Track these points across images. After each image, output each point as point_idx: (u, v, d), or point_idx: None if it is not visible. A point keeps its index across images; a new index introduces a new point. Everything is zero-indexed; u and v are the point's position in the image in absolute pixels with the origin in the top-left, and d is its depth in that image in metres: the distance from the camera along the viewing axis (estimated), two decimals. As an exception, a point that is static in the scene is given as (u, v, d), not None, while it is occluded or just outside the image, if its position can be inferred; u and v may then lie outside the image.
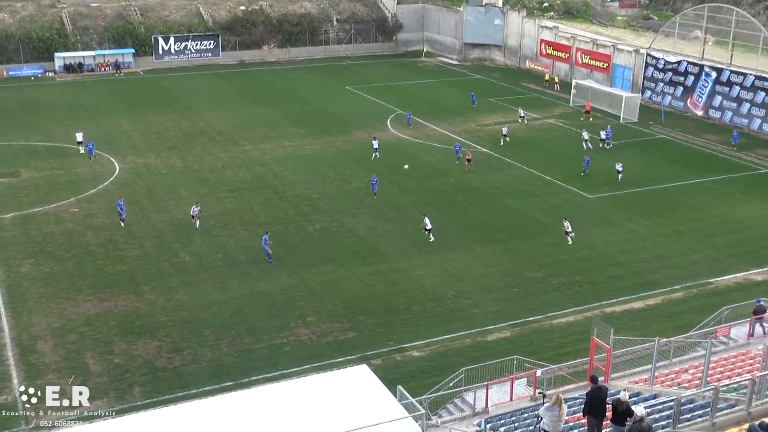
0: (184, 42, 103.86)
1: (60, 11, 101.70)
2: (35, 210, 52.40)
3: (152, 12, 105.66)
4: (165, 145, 67.43)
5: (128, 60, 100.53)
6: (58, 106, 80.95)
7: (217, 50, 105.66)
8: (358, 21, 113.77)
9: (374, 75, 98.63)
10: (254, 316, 39.21)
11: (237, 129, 72.86)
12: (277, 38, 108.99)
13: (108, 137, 69.48)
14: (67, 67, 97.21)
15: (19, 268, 43.95)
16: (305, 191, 56.63)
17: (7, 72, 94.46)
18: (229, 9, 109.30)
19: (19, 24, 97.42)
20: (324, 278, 43.30)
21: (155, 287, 41.91)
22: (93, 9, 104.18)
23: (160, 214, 52.06)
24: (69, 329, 37.60)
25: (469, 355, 35.58)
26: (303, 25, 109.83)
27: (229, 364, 35.01)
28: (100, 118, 76.19)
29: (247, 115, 78.07)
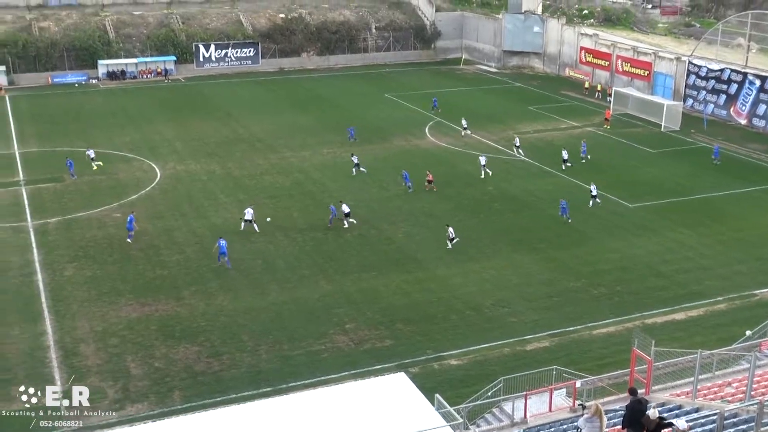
0: (225, 50, 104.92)
1: (103, 19, 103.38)
2: (79, 215, 53.22)
3: (193, 20, 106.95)
4: (205, 152, 68.11)
5: (170, 67, 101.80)
6: (101, 113, 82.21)
7: (257, 58, 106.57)
8: (396, 29, 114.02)
9: (412, 82, 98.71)
10: (293, 322, 39.38)
11: (276, 136, 73.36)
12: (316, 46, 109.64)
13: (150, 143, 70.39)
14: (110, 75, 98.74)
15: (63, 272, 44.66)
16: (344, 198, 56.67)
17: (53, 79, 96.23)
18: (269, 17, 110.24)
19: (64, 32, 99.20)
20: (362, 285, 43.35)
21: (195, 292, 42.31)
22: (135, 17, 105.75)
23: (201, 219, 52.56)
24: (111, 333, 38.10)
25: (507, 364, 35.36)
26: (342, 33, 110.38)
27: (267, 370, 35.19)
28: (142, 125, 77.23)
29: (287, 122, 78.57)
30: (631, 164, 64.94)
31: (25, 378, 34.05)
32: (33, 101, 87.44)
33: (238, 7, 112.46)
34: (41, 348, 36.70)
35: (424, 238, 49.90)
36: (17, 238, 49.44)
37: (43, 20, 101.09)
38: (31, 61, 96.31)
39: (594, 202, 54.80)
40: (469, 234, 50.47)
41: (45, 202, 55.63)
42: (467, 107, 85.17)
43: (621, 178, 61.26)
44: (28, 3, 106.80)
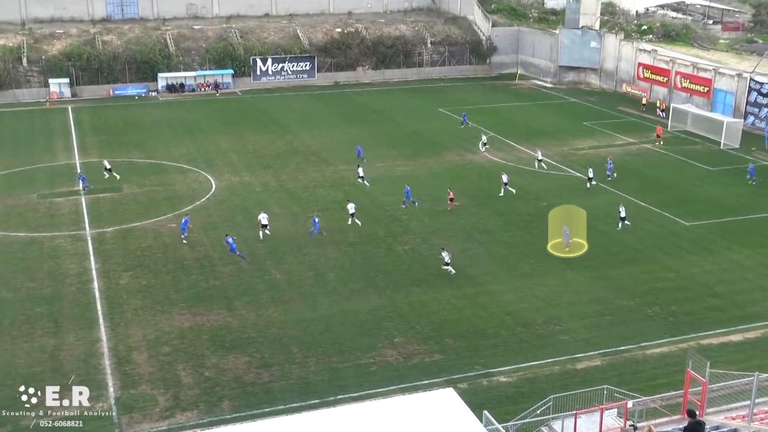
0: (281, 63, 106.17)
1: (164, 33, 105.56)
2: (135, 224, 54.21)
3: (251, 34, 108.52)
4: (260, 164, 68.87)
5: (227, 81, 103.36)
6: (160, 125, 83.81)
7: (313, 72, 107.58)
8: (452, 43, 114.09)
9: (467, 97, 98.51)
10: (342, 335, 39.44)
11: (330, 149, 73.83)
12: (372, 60, 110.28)
13: (206, 155, 71.47)
14: (169, 87, 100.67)
15: (119, 281, 45.50)
16: (395, 212, 56.82)
17: (114, 91, 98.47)
18: (326, 31, 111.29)
19: (126, 46, 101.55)
20: (412, 300, 43.26)
21: (247, 303, 42.69)
22: (195, 31, 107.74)
23: (254, 231, 53.07)
24: (163, 341, 38.64)
25: (557, 382, 34.90)
26: (397, 48, 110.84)
27: (316, 382, 35.29)
28: (200, 137, 78.49)
29: (341, 135, 79.06)
30: (689, 182, 63.73)
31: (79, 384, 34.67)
32: (94, 113, 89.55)
33: (296, 22, 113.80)
34: (95, 355, 37.39)
35: (475, 253, 49.61)
36: (75, 246, 50.56)
37: (106, 34, 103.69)
38: (94, 73, 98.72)
39: (623, 225, 53.34)
40: (521, 250, 50.07)
41: (103, 211, 56.81)
42: (522, 123, 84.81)
43: (678, 195, 60.15)
44: (92, 17, 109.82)
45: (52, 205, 57.98)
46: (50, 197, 59.78)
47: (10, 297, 43.26)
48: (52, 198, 59.57)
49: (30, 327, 39.91)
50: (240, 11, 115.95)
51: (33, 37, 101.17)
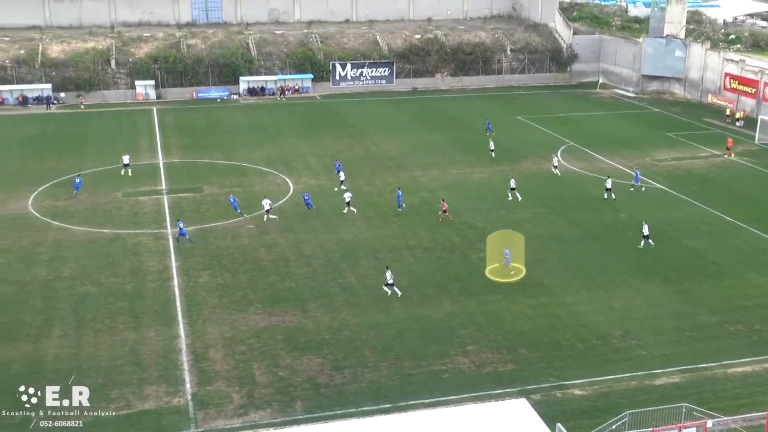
0: (360, 69, 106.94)
1: (247, 38, 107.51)
2: (214, 224, 55.29)
3: (331, 39, 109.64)
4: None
5: (307, 85, 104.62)
6: (241, 127, 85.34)
7: (391, 77, 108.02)
8: (532, 51, 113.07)
9: (546, 105, 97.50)
10: (415, 340, 39.42)
11: (406, 155, 73.97)
12: (450, 67, 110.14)
13: (284, 158, 72.46)
14: (250, 90, 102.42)
15: (197, 279, 46.45)
16: (471, 219, 56.55)
17: (197, 94, 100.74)
18: (405, 37, 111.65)
19: (210, 49, 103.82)
20: (487, 308, 42.96)
21: (321, 305, 43.07)
22: (277, 36, 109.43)
23: (329, 234, 53.53)
24: (239, 340, 39.27)
25: (634, 398, 34.16)
26: (476, 54, 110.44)
27: (388, 387, 35.33)
28: (279, 140, 79.63)
29: (418, 141, 79.13)
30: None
31: (158, 379, 35.64)
32: (178, 114, 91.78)
33: (375, 28, 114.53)
34: (174, 351, 38.24)
35: (551, 263, 49.00)
36: (157, 244, 51.84)
37: (191, 37, 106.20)
38: (178, 76, 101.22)
39: (646, 244, 51.40)
40: (598, 261, 49.24)
41: (184, 211, 58.08)
42: (602, 132, 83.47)
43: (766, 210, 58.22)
44: (178, 21, 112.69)
45: (135, 204, 59.60)
46: (134, 196, 61.46)
47: (95, 291, 44.62)
48: (136, 197, 61.22)
49: (112, 321, 41.09)
50: (321, 17, 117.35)
51: (121, 40, 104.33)
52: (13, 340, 39.06)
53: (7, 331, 40.02)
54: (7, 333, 39.79)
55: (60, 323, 40.93)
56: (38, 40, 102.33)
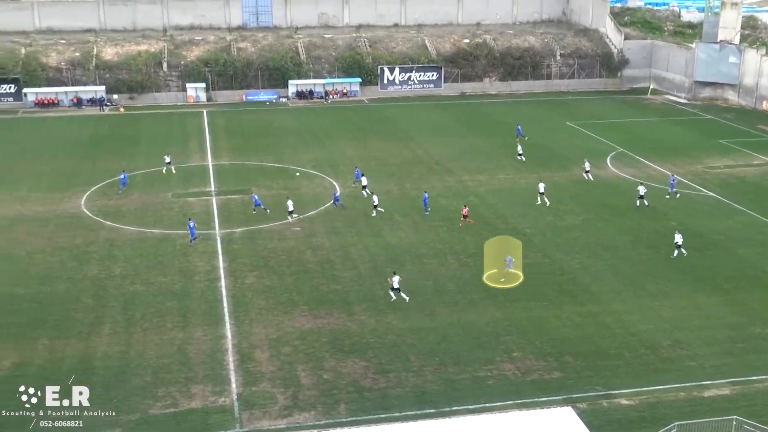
0: (408, 73, 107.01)
1: (296, 41, 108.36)
2: (262, 226, 55.74)
3: (380, 43, 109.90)
4: (384, 172, 69.53)
5: (355, 89, 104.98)
6: (289, 130, 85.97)
7: (439, 82, 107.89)
8: (582, 56, 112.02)
9: (596, 111, 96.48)
10: (460, 345, 39.26)
11: (454, 159, 73.78)
12: (499, 71, 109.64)
13: (331, 161, 72.79)
14: (298, 94, 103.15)
15: (245, 280, 46.87)
16: (518, 225, 56.17)
17: (246, 97, 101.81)
18: (454, 42, 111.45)
19: (260, 53, 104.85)
20: (533, 314, 42.60)
21: (366, 309, 43.12)
22: (326, 40, 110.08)
23: (375, 238, 53.62)
24: (284, 341, 39.51)
25: (682, 409, 33.57)
26: (525, 59, 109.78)
27: (432, 392, 35.23)
28: (326, 143, 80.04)
29: (465, 146, 78.87)
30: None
31: (204, 378, 36.02)
32: (228, 117, 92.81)
33: (424, 32, 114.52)
34: (220, 351, 38.62)
35: (599, 270, 48.41)
36: (206, 245, 52.43)
37: (241, 41, 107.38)
38: (229, 79, 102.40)
39: (679, 252, 50.29)
40: (648, 269, 48.50)
41: (232, 212, 58.67)
42: (652, 138, 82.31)
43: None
44: (228, 24, 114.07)
45: (185, 205, 60.38)
46: (183, 197, 62.26)
47: (143, 290, 45.29)
48: (186, 198, 62.01)
49: (161, 320, 41.66)
50: (369, 21, 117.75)
51: (173, 43, 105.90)
52: (65, 337, 39.82)
53: (60, 327, 40.83)
54: (59, 329, 40.59)
55: (110, 321, 41.62)
56: (93, 43, 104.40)
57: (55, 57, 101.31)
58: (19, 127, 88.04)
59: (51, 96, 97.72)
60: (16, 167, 70.98)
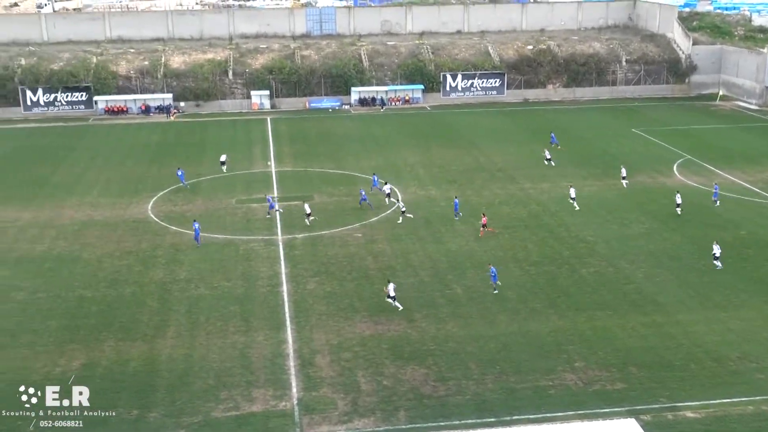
0: (471, 80, 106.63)
1: (359, 49, 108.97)
2: (323, 232, 56.14)
3: (443, 50, 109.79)
4: (446, 179, 69.39)
5: (417, 96, 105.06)
6: (351, 137, 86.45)
7: (502, 88, 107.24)
8: (648, 62, 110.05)
9: (663, 118, 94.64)
10: (521, 354, 38.89)
11: (516, 167, 73.20)
12: (563, 78, 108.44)
13: (393, 168, 72.94)
14: (361, 101, 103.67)
15: (306, 285, 47.25)
16: (582, 233, 55.45)
17: (309, 104, 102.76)
18: (517, 48, 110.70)
19: (323, 60, 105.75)
20: (596, 324, 41.95)
21: (426, 315, 43.05)
22: (389, 47, 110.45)
23: (437, 245, 53.51)
24: (345, 347, 39.68)
25: (750, 424, 32.70)
26: (590, 65, 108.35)
27: (492, 400, 34.96)
28: (388, 150, 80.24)
29: (527, 153, 78.18)
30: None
31: (265, 382, 36.40)
32: (291, 124, 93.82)
33: (487, 38, 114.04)
34: (281, 355, 38.98)
35: (665, 280, 47.44)
36: (268, 250, 53.05)
37: (305, 49, 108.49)
38: (292, 86, 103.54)
39: (714, 264, 48.84)
40: (715, 279, 47.35)
41: (294, 218, 59.23)
42: (721, 146, 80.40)
43: None
44: (293, 33, 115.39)
45: (248, 210, 61.18)
46: (247, 203, 63.10)
47: (208, 294, 46.03)
48: (249, 203, 62.84)
49: (224, 324, 42.27)
50: (432, 28, 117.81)
51: (239, 51, 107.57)
52: (131, 339, 40.72)
53: (126, 330, 41.76)
54: (126, 332, 41.52)
55: (174, 324, 42.41)
56: (161, 52, 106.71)
57: (124, 66, 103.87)
58: (90, 133, 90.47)
59: (120, 104, 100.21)
60: (87, 173, 72.95)
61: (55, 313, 43.86)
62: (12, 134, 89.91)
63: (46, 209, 62.23)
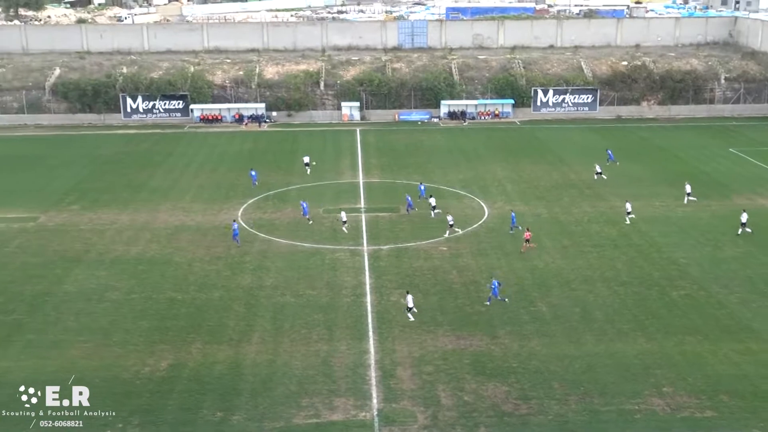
0: (563, 95, 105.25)
1: (450, 62, 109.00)
2: (408, 244, 56.23)
3: (535, 65, 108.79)
4: (534, 195, 68.62)
5: (507, 110, 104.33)
6: (439, 150, 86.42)
7: (595, 104, 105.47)
8: (749, 80, 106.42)
9: (763, 138, 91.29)
10: (606, 376, 38.04)
11: (606, 184, 71.76)
12: (658, 95, 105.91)
13: (481, 182, 72.54)
14: (450, 114, 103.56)
15: (389, 297, 47.39)
16: (673, 254, 53.95)
17: (399, 116, 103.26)
18: (611, 64, 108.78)
19: (413, 73, 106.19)
20: (686, 348, 40.70)
21: (510, 332, 42.58)
22: (480, 61, 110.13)
23: (522, 261, 52.92)
24: (426, 360, 39.59)
25: None
26: (687, 83, 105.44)
27: (575, 422, 34.30)
28: (476, 164, 79.86)
29: (619, 171, 76.52)
30: None
31: (346, 391, 36.62)
32: (379, 136, 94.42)
33: (580, 54, 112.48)
34: (363, 365, 39.16)
35: (761, 306, 45.70)
36: (353, 260, 53.44)
37: (396, 61, 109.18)
38: (382, 98, 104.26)
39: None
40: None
41: (380, 229, 59.52)
42: (825, 168, 77.12)
43: None
44: (384, 45, 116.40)
45: (335, 221, 61.77)
46: (334, 213, 63.71)
47: (293, 302, 46.66)
48: (336, 213, 63.44)
49: (307, 332, 42.76)
50: (524, 42, 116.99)
51: (331, 63, 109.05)
52: (218, 342, 41.60)
53: (213, 333, 42.70)
54: (212, 335, 42.45)
55: (260, 330, 43.13)
56: (256, 62, 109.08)
57: (220, 75, 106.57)
58: (185, 141, 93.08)
59: (215, 112, 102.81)
60: (181, 179, 75.07)
61: (146, 314, 45.21)
62: (113, 140, 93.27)
63: (142, 213, 64.30)
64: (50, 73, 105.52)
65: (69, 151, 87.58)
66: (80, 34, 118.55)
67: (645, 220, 61.29)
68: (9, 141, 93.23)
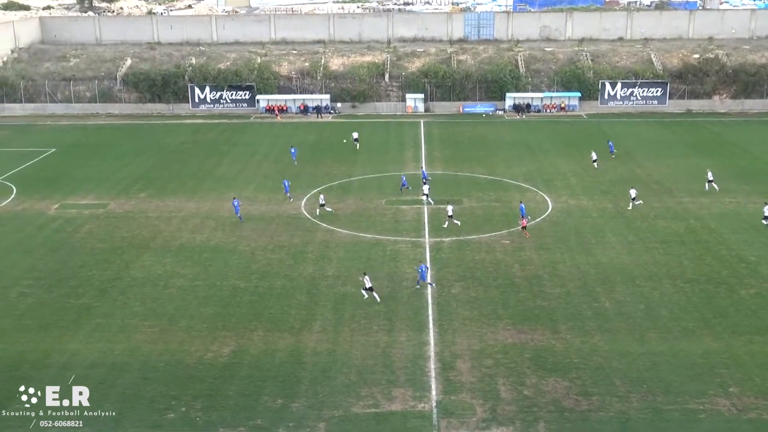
0: (631, 88, 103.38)
1: (516, 54, 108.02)
2: (470, 237, 55.97)
3: (603, 57, 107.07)
4: (599, 189, 67.59)
5: (573, 103, 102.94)
6: (503, 143, 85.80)
7: (664, 98, 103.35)
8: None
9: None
10: (670, 374, 37.29)
11: (675, 179, 70.32)
12: (731, 89, 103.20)
13: (544, 176, 71.77)
14: (515, 107, 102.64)
15: (450, 289, 47.26)
16: (743, 252, 52.55)
17: (463, 108, 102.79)
18: (682, 57, 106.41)
19: (479, 65, 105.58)
20: (754, 348, 39.63)
21: (572, 327, 42.07)
22: (546, 53, 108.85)
23: (586, 256, 52.21)
24: (486, 354, 39.39)
25: None
26: (761, 76, 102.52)
27: (637, 419, 33.73)
28: (540, 157, 79.05)
29: (687, 166, 74.91)
30: None
31: (405, 382, 36.68)
32: (443, 128, 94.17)
33: (650, 46, 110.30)
34: (423, 357, 39.16)
35: (835, 308, 44.24)
36: (415, 252, 53.44)
37: (461, 53, 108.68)
38: (447, 90, 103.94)
39: None
40: None
41: (443, 221, 59.34)
42: None
43: None
44: (450, 37, 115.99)
45: (397, 212, 61.88)
46: (396, 204, 63.83)
47: (354, 292, 46.89)
48: (398, 205, 63.54)
49: (368, 322, 42.93)
50: (593, 34, 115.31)
51: (396, 54, 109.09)
52: (279, 330, 42.09)
53: (275, 321, 43.22)
54: (274, 323, 42.97)
55: (321, 319, 43.48)
56: (321, 54, 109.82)
57: (286, 66, 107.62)
58: (251, 131, 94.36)
59: (280, 103, 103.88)
60: (246, 168, 76.15)
61: (210, 301, 46.00)
62: (181, 129, 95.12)
63: (207, 201, 65.41)
64: (122, 63, 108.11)
65: (138, 140, 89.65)
66: (151, 26, 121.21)
67: (714, 216, 59.85)
68: (81, 129, 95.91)
